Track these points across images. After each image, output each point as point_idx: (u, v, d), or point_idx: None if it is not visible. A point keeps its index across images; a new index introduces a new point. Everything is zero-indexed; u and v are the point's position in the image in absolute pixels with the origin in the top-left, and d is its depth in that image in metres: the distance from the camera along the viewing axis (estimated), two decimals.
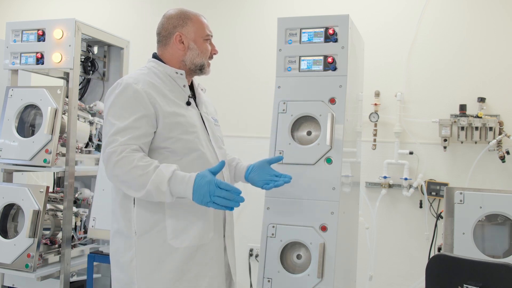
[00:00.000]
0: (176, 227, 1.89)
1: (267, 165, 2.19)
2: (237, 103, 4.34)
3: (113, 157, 1.78)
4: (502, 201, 2.59)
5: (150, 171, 1.77)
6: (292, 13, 3.79)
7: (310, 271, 2.23)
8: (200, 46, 2.06)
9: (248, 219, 4.11)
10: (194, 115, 2.02)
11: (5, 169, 3.18)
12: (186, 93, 2.04)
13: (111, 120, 1.86)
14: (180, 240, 1.89)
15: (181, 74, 2.03)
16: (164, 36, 2.05)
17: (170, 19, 2.05)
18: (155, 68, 2.03)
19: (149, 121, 1.86)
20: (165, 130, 1.89)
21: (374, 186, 3.91)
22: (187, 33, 2.03)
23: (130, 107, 1.85)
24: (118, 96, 1.88)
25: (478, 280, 2.23)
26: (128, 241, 1.91)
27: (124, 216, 1.93)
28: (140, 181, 1.76)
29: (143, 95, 1.87)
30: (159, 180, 1.75)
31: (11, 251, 2.93)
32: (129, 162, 1.77)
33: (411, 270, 3.77)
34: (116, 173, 1.79)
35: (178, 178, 1.77)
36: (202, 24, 2.07)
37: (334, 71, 2.36)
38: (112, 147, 1.79)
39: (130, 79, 1.92)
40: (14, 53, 3.27)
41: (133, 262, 1.89)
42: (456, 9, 3.80)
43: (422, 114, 3.82)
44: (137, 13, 4.72)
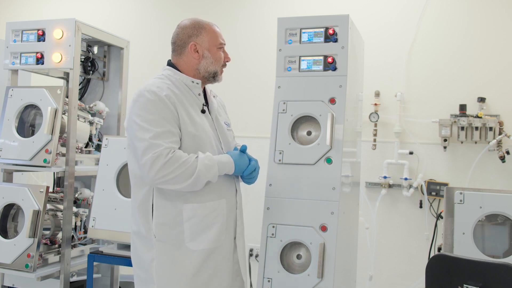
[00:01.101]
0: (193, 231, 2.00)
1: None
2: (237, 103, 4.34)
3: (160, 159, 1.87)
4: (502, 201, 2.59)
5: (195, 160, 1.94)
6: (293, 13, 3.79)
7: (310, 271, 2.23)
8: (214, 54, 2.14)
9: (248, 219, 4.10)
10: (207, 123, 2.11)
11: (5, 169, 3.18)
12: (201, 101, 2.13)
13: (145, 126, 1.93)
14: (197, 243, 2.00)
15: (197, 83, 2.12)
16: (179, 45, 2.13)
17: (184, 29, 2.12)
18: (171, 76, 2.10)
19: (178, 125, 1.98)
20: (184, 139, 2.00)
21: (374, 186, 3.91)
22: (201, 42, 2.11)
23: (161, 113, 1.94)
24: (147, 103, 1.96)
25: (478, 280, 2.23)
26: (148, 242, 2.01)
27: (143, 219, 2.02)
28: (190, 169, 1.91)
29: (168, 101, 1.97)
30: (207, 157, 1.96)
31: (11, 251, 2.93)
32: (177, 159, 1.89)
33: (411, 270, 3.77)
34: (164, 173, 1.88)
35: (219, 158, 2.02)
36: (215, 33, 2.15)
37: (334, 71, 2.36)
38: (157, 151, 1.88)
39: (154, 87, 1.99)
40: (14, 53, 3.27)
41: (154, 262, 1.99)
42: (456, 9, 3.80)
43: (422, 114, 3.82)
44: (137, 13, 4.72)
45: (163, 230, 1.99)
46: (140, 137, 1.93)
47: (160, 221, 1.99)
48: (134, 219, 2.07)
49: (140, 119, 1.95)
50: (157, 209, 2.00)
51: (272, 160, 2.37)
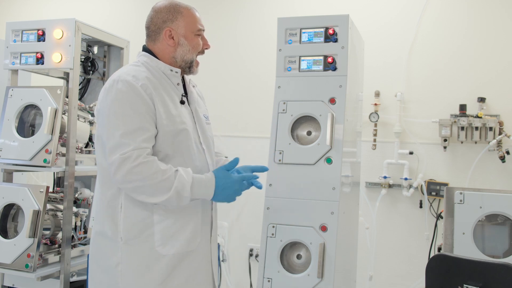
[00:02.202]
0: (164, 234, 1.84)
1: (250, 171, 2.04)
2: (237, 103, 4.34)
3: (127, 162, 1.72)
4: (502, 201, 2.59)
5: (171, 176, 1.75)
6: (293, 13, 3.79)
7: (310, 271, 2.22)
8: (191, 41, 1.97)
9: (248, 219, 4.11)
10: (186, 114, 1.95)
11: (5, 169, 3.18)
12: (180, 91, 1.97)
13: (115, 120, 1.77)
14: (168, 247, 1.84)
15: (176, 72, 1.96)
16: (153, 31, 1.96)
17: (159, 12, 1.95)
18: (148, 63, 1.94)
19: (153, 120, 1.81)
20: (161, 132, 1.83)
21: (374, 186, 3.91)
22: (177, 28, 1.94)
23: (134, 107, 1.77)
24: (119, 94, 1.79)
25: (478, 280, 2.23)
26: (113, 245, 1.84)
27: (110, 219, 1.86)
28: (162, 186, 1.74)
29: (144, 93, 1.80)
30: (181, 186, 1.76)
31: (11, 251, 2.93)
32: (148, 168, 1.73)
33: (411, 270, 3.77)
34: (132, 178, 1.72)
35: (198, 182, 1.80)
36: (193, 18, 1.97)
37: (334, 71, 2.36)
38: (126, 152, 1.72)
39: (128, 76, 1.82)
40: (14, 53, 3.27)
41: (119, 267, 1.83)
42: (456, 8, 3.80)
43: (422, 114, 3.82)
44: (137, 13, 4.72)
45: (132, 233, 1.82)
46: (109, 133, 1.77)
47: (128, 223, 1.82)
48: (99, 219, 1.90)
49: (110, 112, 1.78)
50: (125, 209, 1.83)
51: (272, 160, 2.37)
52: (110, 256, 1.85)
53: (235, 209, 4.20)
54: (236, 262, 4.24)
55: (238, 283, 4.27)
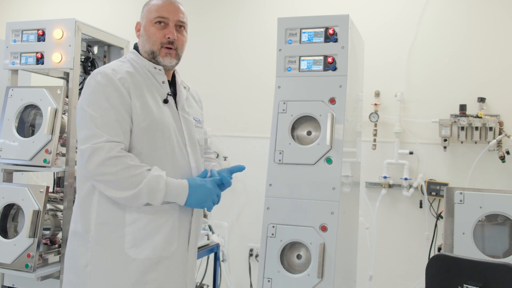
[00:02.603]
0: (137, 236, 1.76)
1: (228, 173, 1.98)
2: (237, 103, 4.34)
3: (100, 153, 1.67)
4: (502, 201, 2.59)
5: (143, 172, 1.71)
6: (293, 13, 3.79)
7: (310, 271, 2.22)
8: (147, 30, 1.90)
9: (248, 219, 4.11)
10: (169, 114, 1.88)
11: (5, 169, 3.18)
12: (165, 90, 1.90)
13: (90, 111, 1.73)
14: (139, 250, 1.75)
15: (160, 69, 1.90)
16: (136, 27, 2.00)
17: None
18: (133, 60, 1.91)
19: (129, 114, 1.76)
20: (136, 128, 1.78)
21: (374, 186, 3.91)
22: (142, 20, 1.95)
23: (110, 99, 1.74)
24: (97, 86, 1.76)
25: (478, 280, 2.23)
26: (84, 244, 1.78)
27: (83, 218, 1.80)
28: (131, 181, 1.68)
29: (121, 86, 1.77)
30: (155, 180, 1.70)
31: (11, 251, 2.93)
32: (121, 162, 1.68)
33: (411, 270, 3.77)
34: (102, 171, 1.67)
35: (172, 182, 1.75)
36: (154, 6, 1.90)
37: (334, 71, 2.36)
38: (98, 143, 1.68)
39: (109, 69, 1.80)
40: (14, 53, 3.27)
41: (88, 268, 1.76)
42: (456, 8, 3.80)
43: (422, 114, 3.83)
44: (137, 13, 4.68)
45: (102, 233, 1.75)
46: (83, 124, 1.73)
47: (99, 222, 1.76)
48: (74, 216, 1.84)
49: (86, 103, 1.75)
50: (98, 207, 1.76)
51: (272, 160, 2.37)
52: (80, 256, 1.79)
53: (235, 209, 4.20)
54: (236, 262, 4.24)
55: (238, 283, 4.27)
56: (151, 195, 1.70)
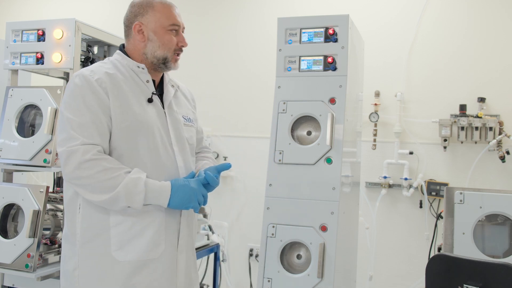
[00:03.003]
0: (122, 238, 1.73)
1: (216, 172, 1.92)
2: (237, 103, 4.34)
3: (75, 156, 1.66)
4: (502, 201, 2.59)
5: (121, 174, 1.68)
6: (293, 13, 3.79)
7: (310, 271, 2.22)
8: (161, 37, 1.86)
9: (248, 219, 4.11)
10: (154, 113, 1.84)
11: (5, 169, 3.18)
12: (150, 89, 1.87)
13: (67, 114, 1.72)
14: (124, 253, 1.73)
15: (142, 68, 1.87)
16: (127, 26, 1.92)
17: (132, 7, 1.91)
18: (117, 61, 1.88)
19: (106, 115, 1.73)
20: (116, 129, 1.75)
21: (374, 186, 3.91)
22: (147, 23, 1.86)
23: (86, 101, 1.72)
24: (75, 89, 1.75)
25: (478, 280, 2.23)
26: (72, 248, 1.77)
27: (69, 221, 1.79)
28: (109, 184, 1.66)
29: (98, 88, 1.74)
30: (133, 182, 1.67)
31: (11, 251, 2.93)
32: (97, 165, 1.66)
33: (411, 270, 3.77)
34: (78, 175, 1.66)
35: (152, 184, 1.71)
36: (165, 12, 1.87)
37: (334, 71, 2.36)
38: (73, 146, 1.66)
39: (87, 71, 1.78)
40: (14, 53, 3.27)
41: (76, 272, 1.75)
42: (456, 8, 3.81)
43: (422, 114, 3.83)
44: None
45: (88, 235, 1.73)
46: (60, 128, 1.73)
47: (85, 225, 1.74)
48: (63, 221, 1.84)
49: (64, 106, 1.75)
50: (83, 210, 1.74)
51: (272, 160, 2.37)
52: (68, 260, 1.79)
53: (235, 209, 4.20)
54: (236, 262, 4.24)
55: (238, 283, 4.27)
56: (129, 198, 1.67)
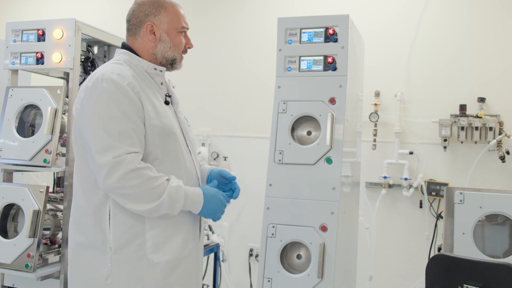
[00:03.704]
0: (157, 241, 1.75)
1: (221, 177, 2.00)
2: (237, 103, 4.34)
3: (121, 166, 1.63)
4: (502, 201, 2.59)
5: (163, 183, 1.69)
6: (293, 13, 3.79)
7: (310, 271, 2.22)
8: (173, 38, 1.86)
9: (248, 219, 4.11)
10: (172, 115, 1.87)
11: (5, 169, 3.18)
12: (164, 91, 1.88)
13: (100, 122, 1.67)
14: (161, 254, 1.75)
15: (160, 71, 1.87)
16: (134, 24, 1.86)
17: (142, 5, 1.85)
18: (129, 61, 1.84)
19: (142, 121, 1.72)
20: (149, 134, 1.74)
21: (374, 186, 3.91)
22: (159, 23, 1.84)
23: (121, 107, 1.68)
24: (104, 94, 1.68)
25: (478, 280, 2.23)
26: (101, 255, 1.72)
27: (96, 228, 1.74)
28: (153, 193, 1.67)
29: (131, 92, 1.71)
30: (175, 191, 1.71)
31: (11, 251, 2.93)
32: (142, 174, 1.65)
33: (411, 270, 3.77)
34: (123, 184, 1.63)
35: (188, 191, 1.76)
36: (177, 14, 1.87)
37: (334, 71, 2.36)
38: (118, 155, 1.63)
39: (113, 74, 1.72)
40: (14, 53, 3.27)
41: (109, 279, 1.71)
42: (456, 8, 3.81)
43: (422, 114, 3.83)
44: None
45: (122, 241, 1.72)
46: (96, 135, 1.66)
47: (118, 231, 1.72)
48: (82, 228, 1.76)
49: (96, 113, 1.67)
50: (115, 216, 1.72)
51: (272, 160, 2.37)
52: (98, 268, 1.73)
53: (235, 209, 4.20)
54: (236, 262, 4.24)
55: (238, 283, 4.27)
56: (171, 206, 1.71)
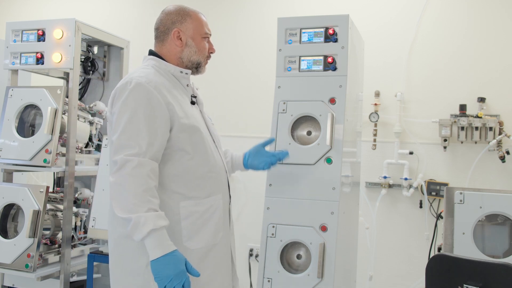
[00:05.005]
0: (191, 229, 1.90)
1: (262, 148, 2.24)
2: (237, 103, 4.34)
3: (128, 165, 1.73)
4: (502, 201, 2.59)
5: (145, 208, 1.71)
6: (293, 13, 3.79)
7: (310, 271, 2.22)
8: (198, 44, 2.03)
9: (248, 219, 4.11)
10: (198, 115, 2.03)
11: (5, 169, 3.18)
12: (189, 92, 2.04)
13: (123, 121, 1.79)
14: (195, 242, 1.90)
15: (186, 73, 2.02)
16: (162, 31, 2.02)
17: (169, 14, 2.03)
18: (157, 66, 1.98)
19: (164, 124, 1.83)
20: (178, 131, 1.87)
21: (374, 186, 3.91)
22: (185, 30, 2.01)
23: (145, 109, 1.80)
24: (132, 96, 1.81)
25: (478, 280, 2.23)
26: (141, 245, 1.77)
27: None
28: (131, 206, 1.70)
29: (158, 97, 1.83)
30: (144, 220, 1.69)
31: (11, 251, 2.93)
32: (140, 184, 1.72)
33: (411, 270, 3.77)
34: (123, 182, 1.73)
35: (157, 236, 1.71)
36: (201, 21, 2.05)
37: (334, 71, 2.36)
38: (129, 154, 1.74)
39: (142, 78, 1.85)
40: (14, 53, 3.27)
41: (149, 267, 1.76)
42: (456, 8, 3.80)
43: (422, 114, 3.82)
44: (137, 13, 4.72)
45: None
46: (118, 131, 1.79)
47: None
48: (122, 220, 1.81)
49: (121, 111, 1.80)
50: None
51: None
52: (139, 257, 1.83)
53: (235, 209, 4.20)
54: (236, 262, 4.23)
55: None
56: (133, 230, 1.70)
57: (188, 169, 1.90)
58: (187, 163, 1.89)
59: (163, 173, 1.87)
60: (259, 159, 2.22)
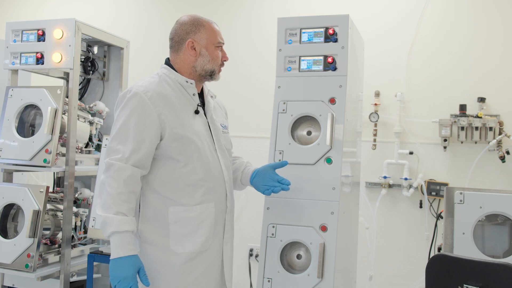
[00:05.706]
0: (179, 235, 1.96)
1: (271, 170, 2.20)
2: (237, 103, 4.34)
3: (111, 168, 1.86)
4: (502, 201, 2.59)
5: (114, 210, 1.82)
6: (293, 13, 3.79)
7: (310, 271, 2.22)
8: (212, 53, 2.10)
9: (248, 219, 4.11)
10: (201, 124, 2.06)
11: (5, 169, 3.18)
12: (195, 102, 2.08)
13: (116, 127, 1.92)
14: (182, 246, 1.96)
15: (191, 83, 2.07)
16: (177, 41, 2.08)
17: (183, 25, 2.08)
18: (166, 75, 2.06)
19: (154, 133, 1.92)
20: (170, 141, 1.94)
21: (374, 186, 3.91)
22: (199, 40, 2.07)
23: (137, 118, 1.90)
24: (127, 104, 1.93)
25: (478, 280, 2.23)
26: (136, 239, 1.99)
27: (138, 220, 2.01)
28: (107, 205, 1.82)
29: (151, 107, 1.92)
30: (109, 224, 1.81)
31: (11, 251, 2.93)
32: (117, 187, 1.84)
33: (411, 270, 3.77)
34: (107, 181, 1.85)
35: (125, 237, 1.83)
36: (214, 31, 2.11)
37: (334, 71, 2.36)
38: (113, 159, 1.87)
39: (141, 87, 1.95)
40: (14, 53, 3.27)
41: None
42: (456, 9, 3.80)
43: (422, 114, 3.83)
44: (137, 13, 4.72)
45: (148, 233, 1.97)
46: (111, 136, 1.94)
47: (145, 223, 1.97)
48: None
49: (117, 118, 1.95)
50: (143, 209, 1.99)
51: (272, 160, 2.37)
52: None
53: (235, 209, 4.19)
54: (236, 262, 4.21)
55: (238, 283, 4.26)
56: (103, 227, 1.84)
57: (179, 177, 1.96)
58: (179, 170, 1.96)
59: (155, 178, 1.97)
60: (263, 182, 2.18)
